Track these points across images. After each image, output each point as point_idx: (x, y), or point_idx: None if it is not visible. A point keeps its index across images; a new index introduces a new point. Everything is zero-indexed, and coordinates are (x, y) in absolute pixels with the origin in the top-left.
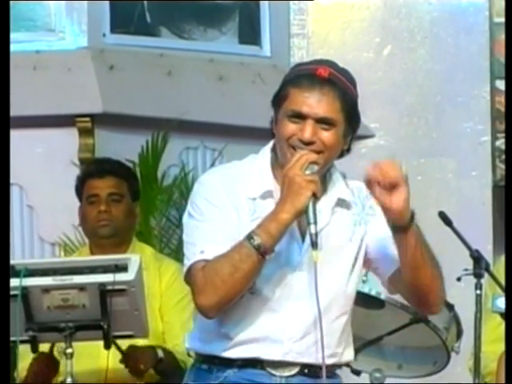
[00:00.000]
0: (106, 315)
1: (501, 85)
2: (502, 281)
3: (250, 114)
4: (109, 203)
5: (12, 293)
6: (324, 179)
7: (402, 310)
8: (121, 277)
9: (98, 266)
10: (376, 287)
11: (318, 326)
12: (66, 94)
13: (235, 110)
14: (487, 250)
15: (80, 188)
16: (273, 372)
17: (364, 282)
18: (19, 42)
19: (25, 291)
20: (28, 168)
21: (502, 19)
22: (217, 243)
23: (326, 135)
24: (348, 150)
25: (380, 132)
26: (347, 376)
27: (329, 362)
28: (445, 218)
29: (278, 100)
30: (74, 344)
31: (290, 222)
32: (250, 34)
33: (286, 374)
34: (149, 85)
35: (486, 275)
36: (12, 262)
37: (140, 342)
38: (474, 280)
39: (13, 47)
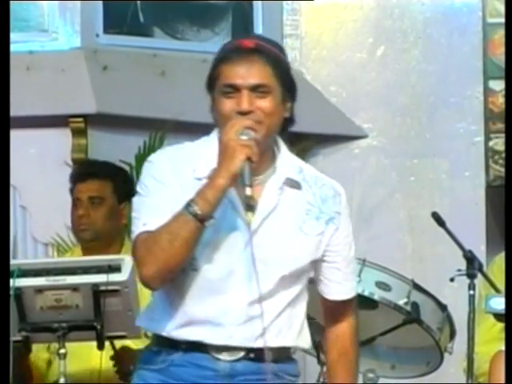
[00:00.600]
0: (99, 316)
1: (494, 85)
2: (496, 281)
3: None
4: (88, 207)
5: None
6: (272, 156)
7: (396, 310)
8: (114, 277)
9: (91, 266)
10: (369, 287)
11: (264, 309)
12: (59, 94)
13: None
14: (480, 250)
15: (70, 191)
16: (217, 356)
17: (357, 282)
18: (12, 42)
19: (18, 292)
20: (21, 168)
21: (495, 20)
22: (159, 216)
23: (263, 103)
24: (291, 121)
25: (373, 132)
26: None
27: (275, 344)
28: (438, 219)
29: (211, 82)
30: (67, 344)
31: (225, 187)
32: (243, 34)
33: (231, 358)
34: (142, 85)
35: (480, 276)
36: None
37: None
38: (467, 280)
39: None
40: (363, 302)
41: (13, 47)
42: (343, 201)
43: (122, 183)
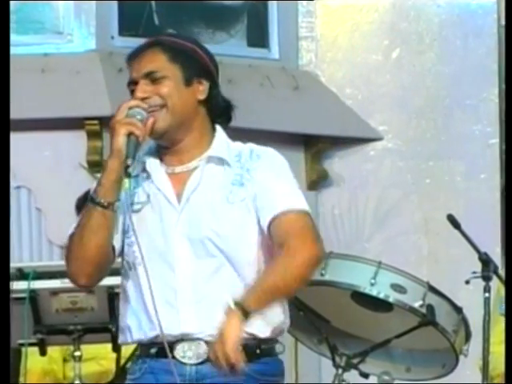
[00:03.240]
0: (114, 318)
1: None
2: None
3: (259, 117)
4: None
5: (20, 295)
6: (207, 144)
7: (411, 312)
8: None
9: None
10: (384, 290)
11: (208, 290)
12: (74, 96)
13: (243, 112)
14: (496, 252)
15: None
16: (182, 360)
17: (372, 285)
18: (27, 44)
19: (33, 294)
20: (36, 171)
21: None
22: None
23: (159, 87)
24: (224, 105)
25: (388, 135)
26: (355, 379)
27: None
28: (453, 221)
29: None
30: (82, 346)
31: (112, 166)
32: (258, 36)
33: (195, 361)
34: None
35: (495, 278)
36: (20, 264)
37: None
38: (482, 283)
39: (21, 50)
40: (378, 304)
41: (28, 49)
42: (262, 157)
43: None
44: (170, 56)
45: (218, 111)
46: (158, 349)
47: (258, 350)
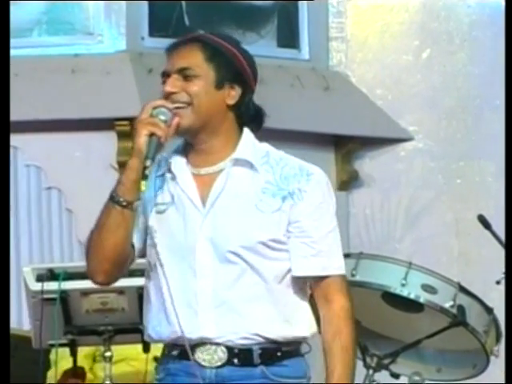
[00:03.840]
0: None
1: None
2: None
3: (289, 117)
4: None
5: (51, 296)
6: (233, 147)
7: (441, 313)
8: None
9: (136, 269)
10: (415, 290)
11: (229, 296)
12: (104, 97)
13: (274, 113)
14: None
15: None
16: (202, 363)
17: (403, 285)
18: (58, 45)
19: (64, 295)
20: (67, 171)
21: None
22: None
23: (189, 85)
24: (256, 112)
25: (419, 135)
26: (386, 379)
27: (243, 336)
28: (484, 222)
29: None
30: (113, 347)
31: (134, 165)
32: (288, 37)
33: (215, 364)
34: None
35: None
36: (51, 265)
37: None
38: None
39: (51, 51)
40: (409, 304)
41: (58, 50)
42: (314, 180)
43: None
44: (207, 55)
45: (248, 118)
46: (180, 351)
47: (278, 352)
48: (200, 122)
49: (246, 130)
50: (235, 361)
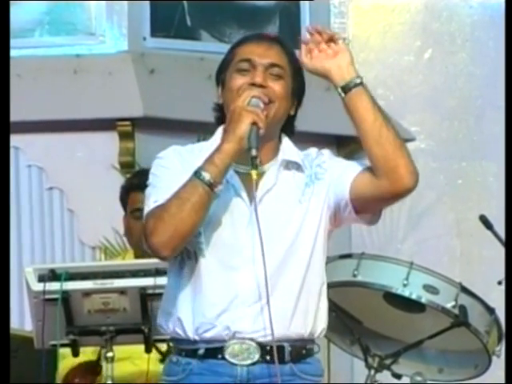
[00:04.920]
0: (146, 319)
1: None
2: None
3: None
4: None
5: (53, 296)
6: (276, 150)
7: (443, 313)
8: (161, 281)
9: (138, 269)
10: (417, 291)
11: (270, 293)
12: (106, 97)
13: None
14: None
15: (124, 199)
16: (233, 361)
17: (405, 285)
18: (59, 45)
19: (65, 295)
20: (68, 172)
21: None
22: (169, 193)
23: (276, 84)
24: (293, 123)
25: (421, 135)
26: (388, 379)
27: (280, 333)
28: (486, 222)
29: (224, 66)
30: (115, 347)
31: (233, 151)
32: (290, 37)
33: (247, 362)
34: (189, 88)
35: None
36: (53, 265)
37: None
38: None
39: (53, 51)
40: (411, 305)
41: (60, 51)
42: (326, 153)
43: None
44: (288, 59)
45: (289, 129)
46: (206, 350)
47: (303, 350)
48: (272, 123)
49: (286, 138)
50: (267, 358)
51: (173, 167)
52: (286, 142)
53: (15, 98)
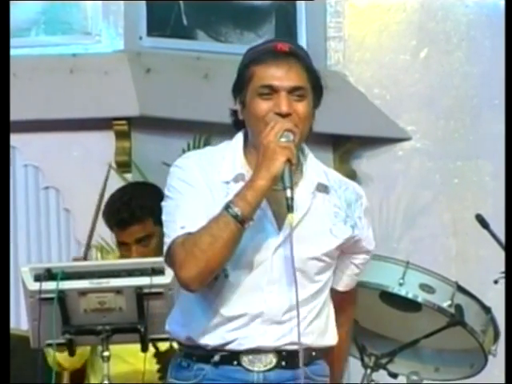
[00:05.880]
0: (142, 318)
1: None
2: None
3: None
4: (138, 249)
5: (49, 296)
6: (298, 161)
7: (439, 312)
8: (157, 280)
9: (134, 269)
10: (413, 290)
11: (294, 310)
12: (102, 97)
13: None
14: None
15: (108, 225)
16: (249, 367)
17: (401, 284)
18: (56, 45)
19: (61, 294)
20: (64, 171)
21: None
22: (197, 218)
23: (300, 106)
24: (310, 132)
25: (416, 135)
26: (384, 379)
27: (314, 344)
28: (482, 221)
29: (243, 83)
30: (111, 347)
31: (266, 189)
32: (286, 36)
33: (263, 368)
34: (185, 88)
35: None
36: (49, 265)
37: None
38: None
39: (49, 50)
40: (407, 304)
41: (56, 50)
42: (364, 203)
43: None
44: (307, 74)
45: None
46: (221, 356)
47: (313, 352)
48: (298, 144)
49: (307, 148)
50: (283, 363)
51: (197, 185)
52: (311, 158)
53: (11, 97)
